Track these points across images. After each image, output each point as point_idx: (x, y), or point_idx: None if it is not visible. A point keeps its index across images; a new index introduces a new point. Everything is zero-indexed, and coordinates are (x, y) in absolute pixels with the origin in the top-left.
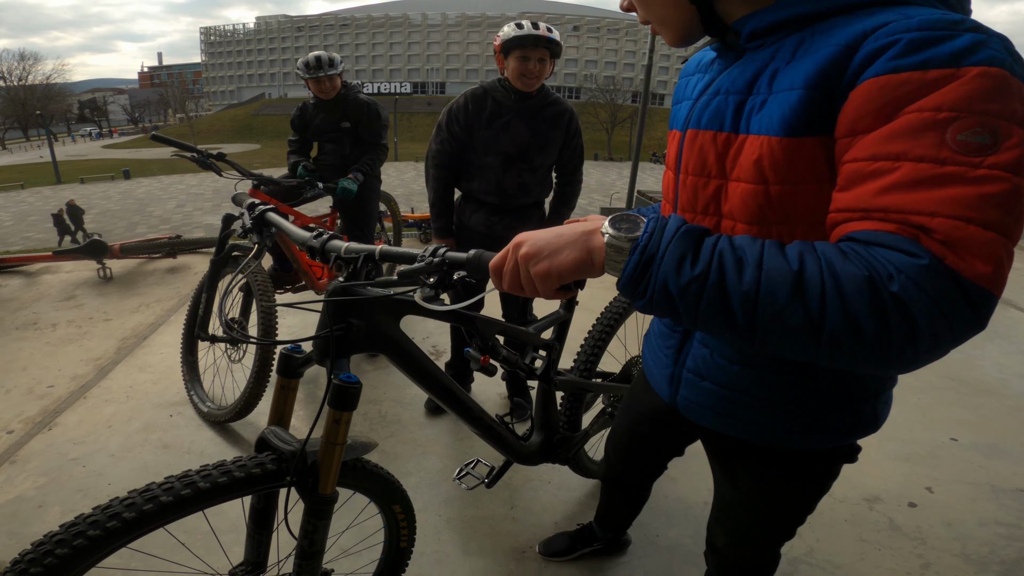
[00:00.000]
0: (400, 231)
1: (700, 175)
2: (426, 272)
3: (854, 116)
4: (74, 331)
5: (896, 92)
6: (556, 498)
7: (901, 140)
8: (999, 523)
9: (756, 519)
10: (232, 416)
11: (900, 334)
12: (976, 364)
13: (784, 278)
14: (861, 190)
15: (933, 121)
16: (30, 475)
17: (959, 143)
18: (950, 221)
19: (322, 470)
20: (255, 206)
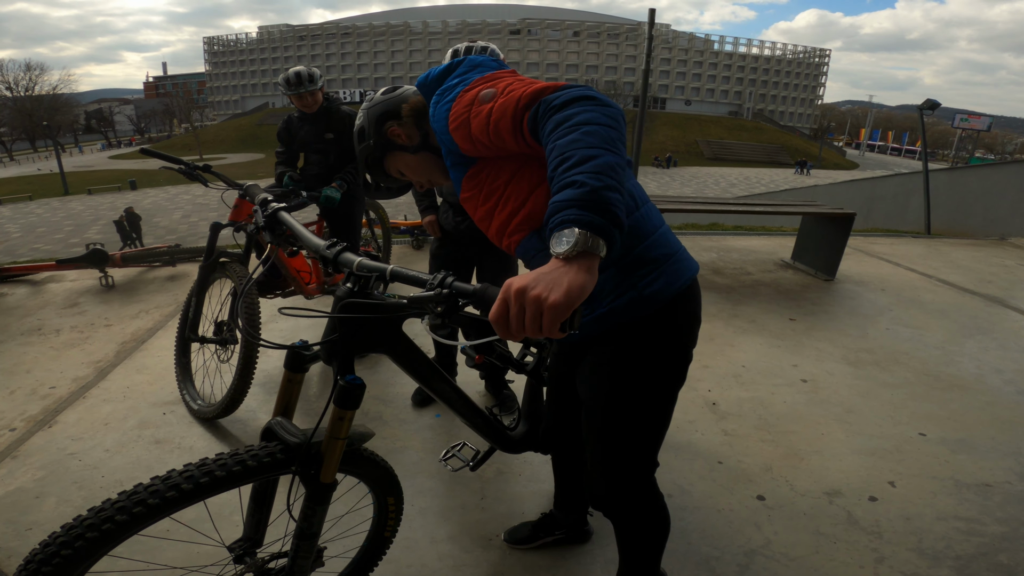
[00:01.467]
0: (389, 238)
1: (488, 218)
2: (434, 302)
3: (462, 133)
4: (76, 336)
5: (457, 114)
6: (526, 490)
7: (492, 113)
8: (958, 518)
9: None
10: (220, 413)
11: (598, 103)
12: (954, 360)
13: (590, 139)
14: (517, 116)
15: (479, 110)
16: (30, 469)
17: (486, 99)
18: (531, 93)
19: (325, 461)
20: (267, 203)
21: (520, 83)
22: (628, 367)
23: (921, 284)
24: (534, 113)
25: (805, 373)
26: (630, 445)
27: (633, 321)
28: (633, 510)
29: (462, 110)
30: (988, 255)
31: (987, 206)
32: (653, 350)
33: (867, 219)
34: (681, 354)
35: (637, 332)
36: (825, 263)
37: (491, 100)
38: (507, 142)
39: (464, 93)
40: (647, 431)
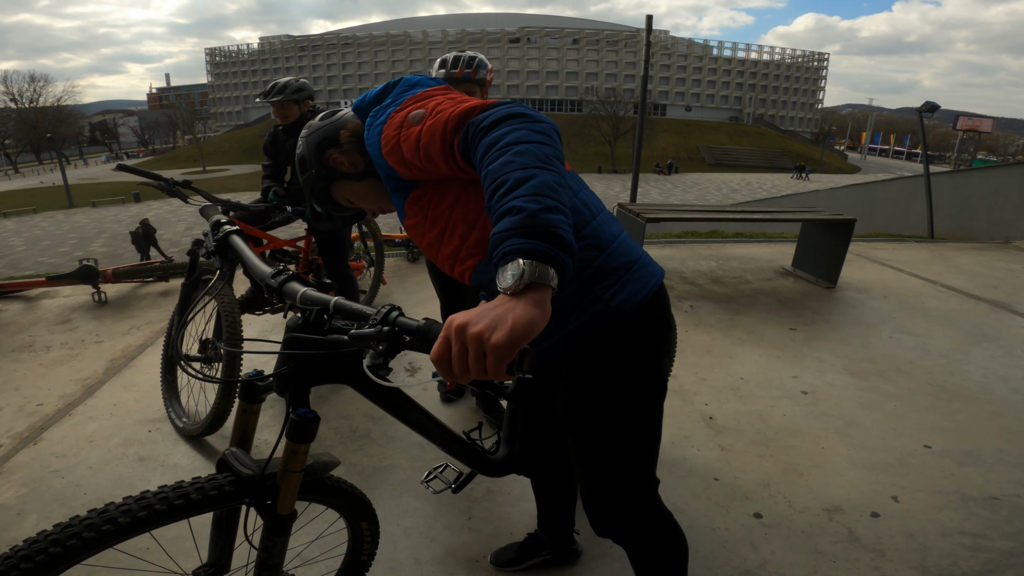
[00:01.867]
0: (382, 251)
1: (442, 251)
2: (375, 339)
3: (394, 154)
4: (67, 353)
5: (389, 142)
6: (515, 509)
7: (421, 139)
8: (964, 533)
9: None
10: (204, 431)
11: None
12: (959, 369)
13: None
14: (433, 146)
15: (412, 131)
16: (13, 486)
17: (415, 121)
18: (460, 114)
19: (280, 493)
20: (219, 225)
21: (450, 102)
22: (604, 384)
23: (925, 290)
24: (464, 136)
25: (805, 385)
26: (620, 466)
27: (602, 334)
28: (639, 534)
29: (392, 133)
30: (993, 259)
31: (991, 209)
32: (627, 363)
33: (869, 224)
34: (656, 363)
35: (608, 346)
36: (826, 270)
37: (420, 122)
38: (440, 167)
39: (395, 114)
40: (635, 449)
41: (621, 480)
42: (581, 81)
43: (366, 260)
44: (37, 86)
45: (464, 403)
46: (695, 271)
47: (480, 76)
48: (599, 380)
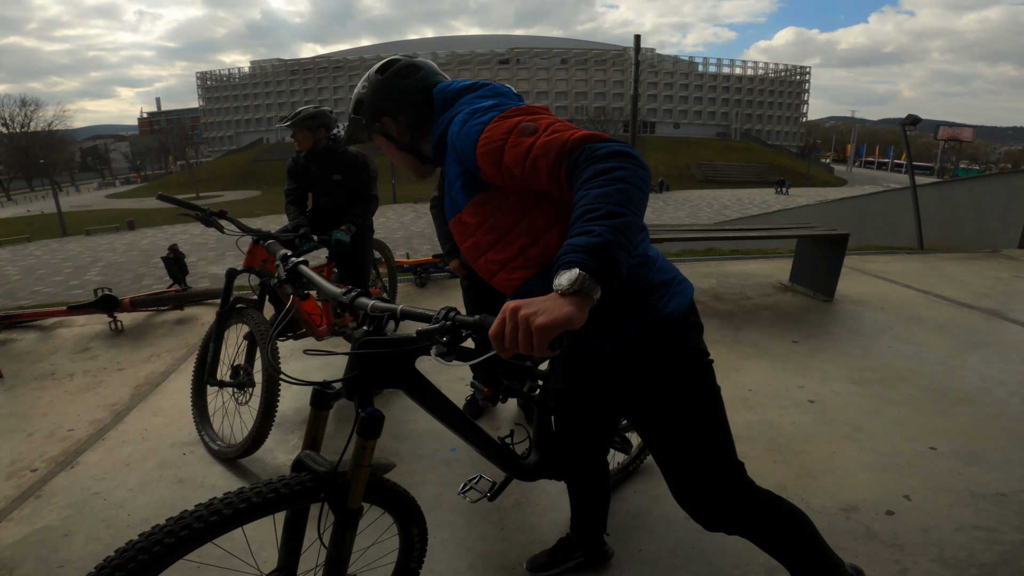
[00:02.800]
0: (395, 277)
1: (480, 245)
2: (440, 333)
3: (490, 159)
4: (90, 380)
5: (490, 144)
6: (544, 518)
7: (518, 149)
8: (977, 527)
9: (678, 440)
10: (241, 453)
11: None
12: (958, 375)
13: (623, 194)
14: (535, 166)
15: (515, 140)
16: (55, 508)
17: (528, 133)
18: (576, 138)
19: (351, 488)
20: (287, 258)
21: (563, 125)
22: (669, 384)
23: (919, 301)
24: (576, 158)
25: (811, 394)
26: (706, 457)
27: (656, 339)
28: (747, 519)
29: (497, 137)
30: (982, 268)
31: (977, 219)
32: (684, 360)
33: (860, 237)
34: (705, 355)
35: (664, 349)
36: (823, 284)
37: (532, 135)
38: (540, 179)
39: (501, 120)
40: (714, 437)
41: (710, 471)
42: (570, 100)
43: (380, 286)
44: (28, 110)
45: (493, 417)
46: (697, 289)
47: None
48: (665, 382)
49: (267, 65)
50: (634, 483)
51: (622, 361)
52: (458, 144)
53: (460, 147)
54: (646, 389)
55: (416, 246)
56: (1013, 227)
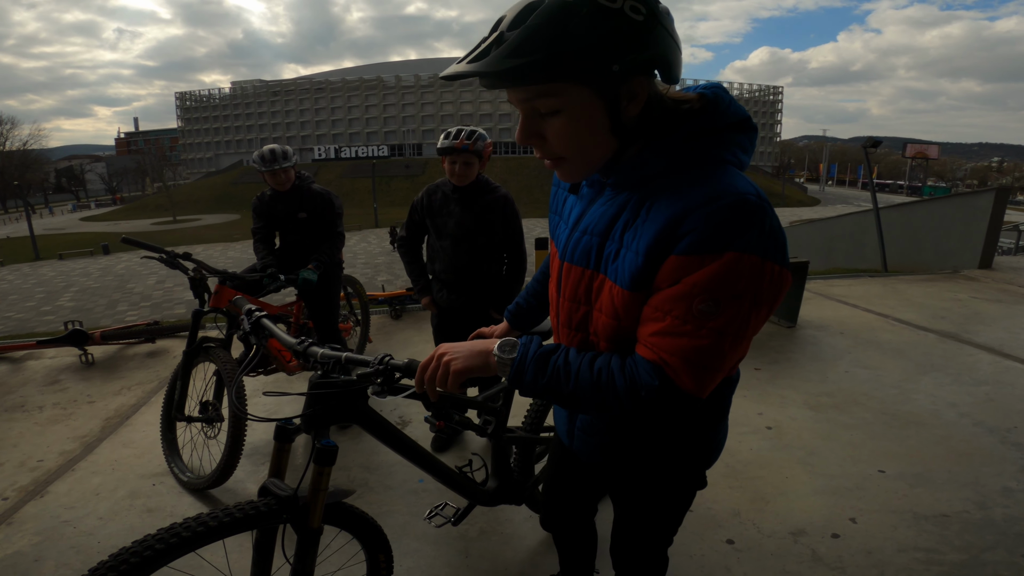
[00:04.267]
0: (368, 311)
1: (573, 301)
2: (375, 375)
3: (661, 277)
4: (60, 412)
5: (684, 268)
6: (507, 547)
7: (671, 302)
8: (918, 548)
9: (642, 529)
10: (210, 484)
11: (642, 412)
12: (910, 397)
13: (587, 384)
14: (646, 328)
15: (689, 294)
16: (26, 535)
17: (697, 311)
18: (678, 360)
19: (311, 509)
20: (251, 312)
21: (723, 341)
22: (665, 494)
23: (878, 324)
24: (645, 374)
25: (769, 420)
26: (661, 540)
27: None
28: (651, 571)
29: (706, 281)
30: (942, 290)
31: (937, 240)
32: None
33: (828, 259)
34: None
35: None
36: (786, 310)
37: (708, 319)
38: (638, 323)
39: (708, 266)
40: (675, 527)
41: (659, 547)
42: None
43: (352, 320)
44: (4, 129)
45: (452, 452)
46: None
47: (478, 147)
48: (663, 487)
49: (248, 86)
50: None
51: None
52: (692, 223)
53: (688, 227)
54: (645, 483)
55: (398, 271)
56: (972, 248)
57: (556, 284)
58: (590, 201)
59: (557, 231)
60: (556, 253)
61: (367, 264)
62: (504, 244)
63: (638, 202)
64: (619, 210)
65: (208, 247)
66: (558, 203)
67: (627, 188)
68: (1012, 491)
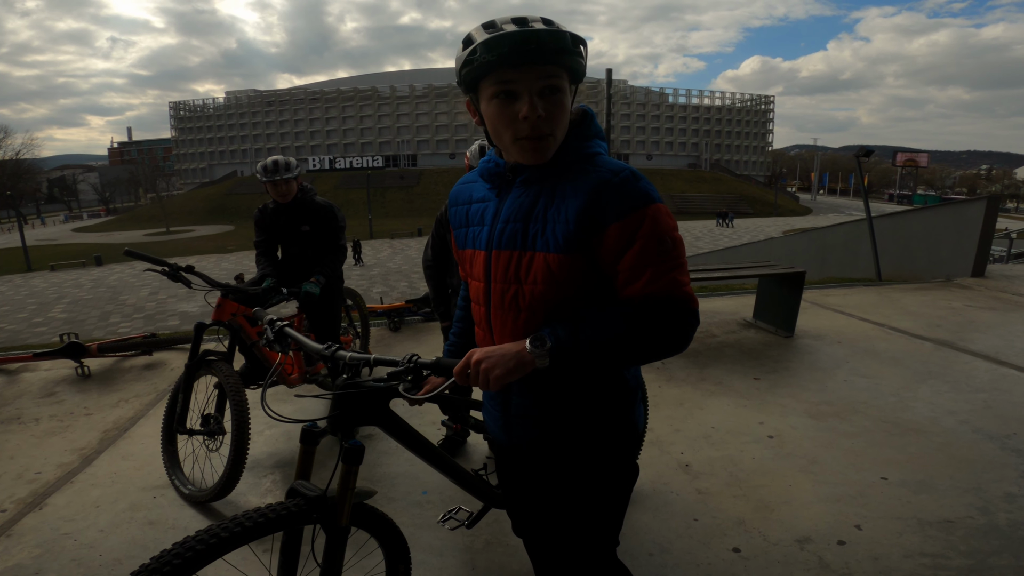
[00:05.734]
0: (367, 324)
1: (504, 283)
2: (404, 375)
3: (613, 245)
4: (57, 424)
5: (629, 228)
6: (513, 559)
7: (643, 257)
8: (924, 554)
9: (581, 511)
10: (213, 497)
11: (671, 337)
12: (909, 405)
13: (623, 331)
14: (636, 286)
15: (649, 244)
16: (26, 547)
17: (662, 251)
18: (679, 290)
19: (339, 507)
20: (273, 322)
21: (681, 256)
22: (587, 457)
23: (875, 334)
24: (664, 300)
25: (771, 429)
26: (603, 534)
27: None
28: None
29: (649, 228)
30: (936, 299)
31: (930, 249)
32: (611, 435)
33: (822, 268)
34: (633, 427)
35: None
36: (784, 320)
37: (666, 255)
38: (625, 278)
39: (663, 214)
40: (615, 521)
41: (607, 534)
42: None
43: (352, 333)
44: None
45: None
46: None
47: None
48: (582, 452)
49: (242, 96)
50: None
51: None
52: (609, 195)
53: (608, 199)
54: (575, 465)
55: (393, 283)
56: (965, 256)
57: (484, 275)
58: (502, 199)
59: (474, 236)
60: (479, 254)
61: (362, 275)
62: None
63: (551, 188)
64: (535, 198)
65: (202, 258)
66: (460, 217)
67: (535, 182)
68: (1015, 496)
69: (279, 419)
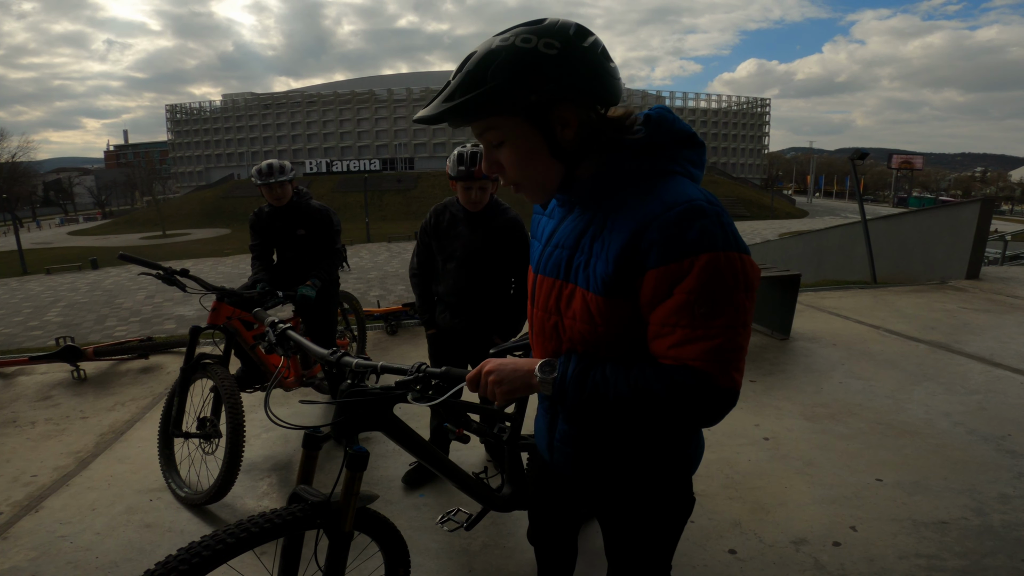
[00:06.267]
0: (364, 328)
1: (545, 311)
2: (413, 384)
3: (650, 294)
4: (52, 428)
5: (669, 278)
6: (511, 560)
7: (675, 314)
8: (919, 555)
9: (633, 551)
10: (208, 499)
11: (688, 415)
12: (903, 407)
13: (627, 393)
14: (663, 343)
15: (688, 302)
16: (22, 549)
17: (699, 315)
18: (702, 363)
19: (343, 513)
20: (275, 324)
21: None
22: (655, 513)
23: (870, 336)
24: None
25: (766, 431)
26: (660, 565)
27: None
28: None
29: (699, 284)
30: (931, 301)
31: (925, 251)
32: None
33: (818, 271)
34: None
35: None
36: (779, 323)
37: (713, 315)
38: (658, 332)
39: (692, 272)
40: (669, 553)
41: (659, 562)
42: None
43: (349, 336)
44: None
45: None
46: None
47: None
48: (653, 507)
49: (239, 99)
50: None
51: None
52: (654, 234)
53: (652, 239)
54: (630, 504)
55: (390, 286)
56: (959, 258)
57: (531, 297)
58: (561, 219)
59: (533, 249)
60: (531, 271)
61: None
62: (511, 268)
63: (603, 216)
64: (587, 225)
65: (198, 262)
66: (536, 228)
67: (590, 204)
68: (1009, 497)
69: (283, 425)
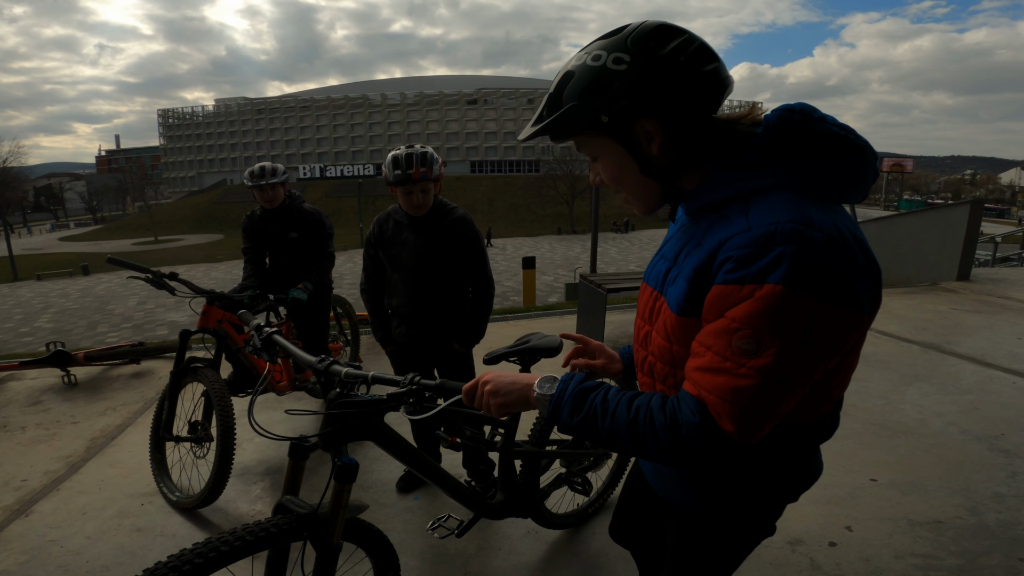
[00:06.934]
0: (357, 332)
1: (642, 319)
2: (406, 396)
3: (706, 310)
4: (43, 433)
5: (725, 299)
6: (506, 563)
7: (713, 336)
8: (915, 555)
9: (697, 559)
10: (199, 503)
11: (684, 455)
12: (897, 408)
13: (623, 423)
14: (691, 362)
15: (729, 329)
16: (12, 553)
17: (736, 348)
18: (715, 398)
19: (332, 526)
20: (261, 328)
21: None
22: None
23: None
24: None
25: None
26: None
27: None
28: None
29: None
30: (922, 302)
31: (916, 253)
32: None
33: None
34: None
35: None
36: None
37: (752, 354)
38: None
39: (748, 299)
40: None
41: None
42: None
43: (342, 341)
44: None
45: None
46: None
47: (435, 173)
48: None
49: (232, 104)
50: (593, 525)
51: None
52: (726, 251)
53: (723, 256)
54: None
55: None
56: (949, 260)
57: (638, 303)
58: (677, 228)
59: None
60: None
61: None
62: (465, 269)
63: (702, 231)
64: (688, 238)
65: (191, 267)
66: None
67: (701, 216)
68: (1003, 496)
69: (268, 436)
